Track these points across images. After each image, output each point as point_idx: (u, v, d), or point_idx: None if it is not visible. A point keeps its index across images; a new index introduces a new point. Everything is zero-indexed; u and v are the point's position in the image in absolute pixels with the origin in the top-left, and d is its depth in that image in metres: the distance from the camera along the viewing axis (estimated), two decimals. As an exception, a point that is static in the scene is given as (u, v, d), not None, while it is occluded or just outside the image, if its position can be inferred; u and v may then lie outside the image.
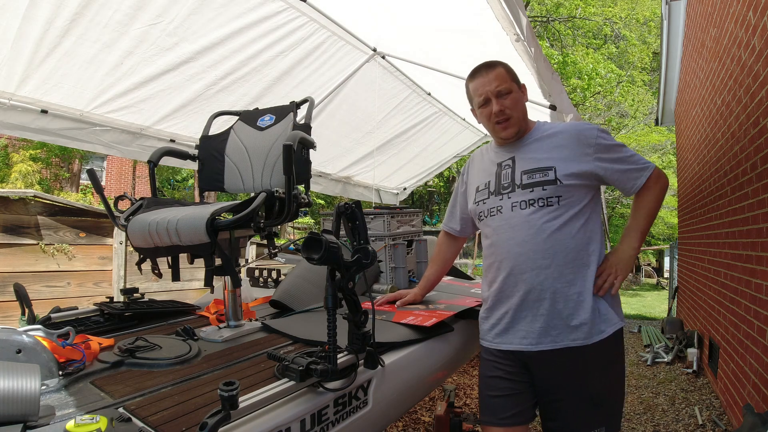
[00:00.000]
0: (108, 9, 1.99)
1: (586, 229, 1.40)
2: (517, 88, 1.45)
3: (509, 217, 1.43)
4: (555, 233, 1.37)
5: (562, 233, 1.37)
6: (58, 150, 9.90)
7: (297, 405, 1.04)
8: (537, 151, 1.45)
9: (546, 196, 1.38)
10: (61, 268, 3.67)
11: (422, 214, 3.19)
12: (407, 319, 1.65)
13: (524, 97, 1.49)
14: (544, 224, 1.37)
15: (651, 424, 2.98)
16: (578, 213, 1.39)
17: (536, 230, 1.38)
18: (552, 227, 1.37)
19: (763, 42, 2.37)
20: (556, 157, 1.41)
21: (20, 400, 0.87)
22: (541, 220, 1.38)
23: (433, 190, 18.57)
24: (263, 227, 1.48)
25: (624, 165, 1.43)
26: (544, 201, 1.38)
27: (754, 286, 2.54)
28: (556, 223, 1.37)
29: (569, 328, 1.35)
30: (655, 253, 18.69)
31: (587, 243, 1.40)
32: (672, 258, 7.94)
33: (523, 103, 1.47)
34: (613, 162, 1.42)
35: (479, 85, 1.45)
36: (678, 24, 5.52)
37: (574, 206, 1.39)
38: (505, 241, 1.43)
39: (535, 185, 1.40)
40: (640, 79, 14.85)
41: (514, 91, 1.43)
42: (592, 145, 1.41)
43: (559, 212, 1.37)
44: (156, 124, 2.69)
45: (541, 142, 1.46)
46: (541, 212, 1.38)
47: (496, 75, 1.43)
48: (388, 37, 2.97)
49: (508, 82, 1.43)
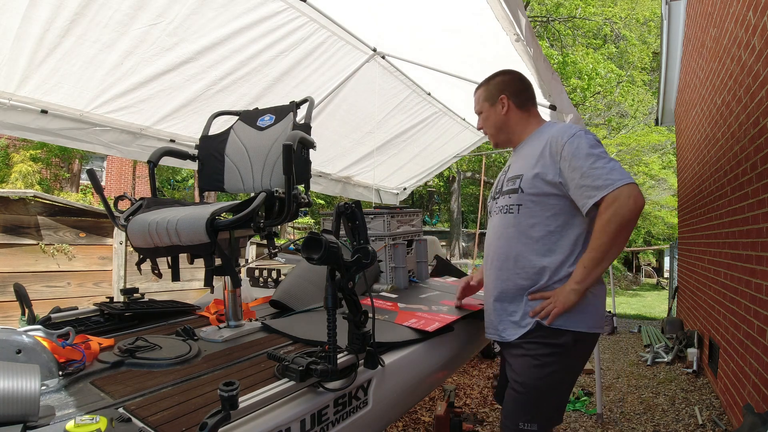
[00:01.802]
0: (108, 9, 1.99)
1: (547, 241, 1.40)
2: (488, 107, 1.58)
3: (492, 220, 1.58)
4: (509, 240, 1.46)
5: (515, 240, 1.44)
6: (58, 150, 9.89)
7: (297, 405, 1.04)
8: (523, 157, 1.51)
9: (510, 204, 1.47)
10: (61, 268, 3.67)
11: (422, 214, 3.19)
12: (410, 321, 1.65)
13: (498, 111, 1.56)
14: (503, 230, 1.49)
15: (651, 424, 2.98)
16: (538, 224, 1.41)
17: (498, 235, 1.51)
18: (508, 234, 1.47)
19: (763, 42, 2.37)
20: (527, 165, 1.45)
21: (20, 400, 0.87)
22: (503, 226, 1.49)
23: (433, 190, 18.57)
24: (263, 227, 1.48)
25: (581, 179, 1.32)
26: (508, 209, 1.48)
27: (754, 286, 2.54)
28: (512, 231, 1.45)
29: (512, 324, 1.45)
30: (655, 253, 18.69)
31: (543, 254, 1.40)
32: (672, 258, 7.94)
33: (492, 120, 1.58)
34: (573, 171, 1.34)
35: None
36: (678, 24, 5.52)
37: (535, 216, 1.41)
38: (486, 243, 1.59)
39: (508, 193, 1.50)
40: (640, 79, 14.84)
41: (483, 111, 1.60)
42: (558, 152, 1.38)
43: (517, 220, 1.44)
44: (156, 124, 2.69)
45: (529, 147, 1.51)
46: (505, 218, 1.49)
47: (476, 98, 1.63)
48: (388, 37, 2.97)
49: (480, 103, 1.60)
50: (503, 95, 1.55)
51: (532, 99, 1.59)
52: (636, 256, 18.64)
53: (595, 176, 1.30)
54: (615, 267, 15.32)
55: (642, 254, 19.10)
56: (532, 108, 1.58)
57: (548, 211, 1.40)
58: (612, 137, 13.34)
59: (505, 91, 1.55)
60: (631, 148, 12.84)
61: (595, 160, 1.31)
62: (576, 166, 1.33)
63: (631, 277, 16.78)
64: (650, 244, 18.14)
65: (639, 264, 18.82)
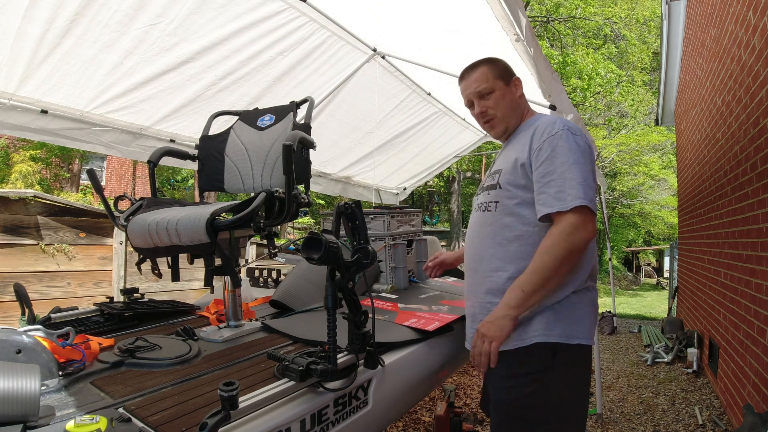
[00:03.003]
0: (108, 9, 1.99)
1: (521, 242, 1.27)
2: (502, 85, 1.39)
3: (472, 218, 1.47)
4: (483, 239, 1.35)
5: (487, 239, 1.33)
6: (58, 150, 9.89)
7: (297, 405, 1.04)
8: (508, 150, 1.40)
9: (488, 200, 1.36)
10: (61, 268, 3.67)
11: (422, 214, 3.19)
12: (410, 321, 1.65)
13: (512, 92, 1.40)
14: (479, 229, 1.38)
15: (651, 424, 2.98)
16: (512, 224, 1.29)
17: (474, 234, 1.40)
18: (484, 233, 1.35)
19: (763, 42, 2.37)
20: (508, 159, 1.34)
21: (20, 400, 0.87)
22: (479, 224, 1.39)
23: (433, 190, 18.57)
24: (263, 227, 1.47)
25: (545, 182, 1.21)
26: (486, 206, 1.36)
27: (754, 286, 2.54)
28: (488, 230, 1.34)
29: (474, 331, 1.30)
30: (655, 253, 18.69)
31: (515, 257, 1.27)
32: (672, 258, 7.94)
33: (509, 100, 1.39)
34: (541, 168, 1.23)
35: (463, 88, 1.46)
36: (678, 24, 5.52)
37: (511, 215, 1.29)
38: (466, 242, 1.47)
39: (487, 189, 1.39)
40: (640, 79, 14.85)
41: (496, 90, 1.38)
42: (535, 149, 1.26)
43: (494, 218, 1.33)
44: (156, 124, 2.69)
45: (515, 141, 1.39)
46: (483, 216, 1.38)
47: (477, 76, 1.40)
48: (388, 37, 2.97)
49: (490, 81, 1.38)
50: (516, 77, 1.42)
51: None
52: (636, 256, 18.66)
53: (560, 186, 1.18)
54: (615, 267, 15.32)
55: (642, 254, 19.11)
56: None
57: (524, 209, 1.28)
58: (612, 137, 13.34)
59: (514, 73, 1.43)
60: (631, 148, 12.84)
61: (568, 168, 1.19)
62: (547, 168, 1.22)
63: (631, 277, 16.79)
64: (650, 244, 18.15)
65: (639, 264, 18.83)
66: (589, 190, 1.18)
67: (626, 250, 17.54)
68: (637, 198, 14.88)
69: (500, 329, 1.19)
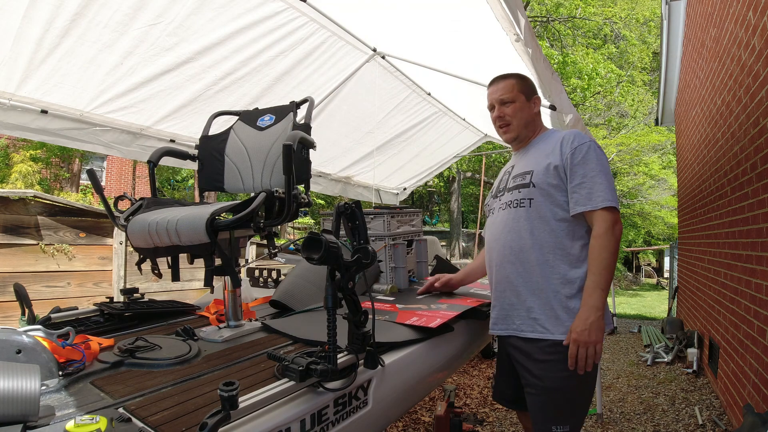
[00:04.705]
0: (108, 9, 1.99)
1: (556, 234, 1.44)
2: (524, 99, 1.58)
3: (495, 217, 1.60)
4: (521, 232, 1.49)
5: (526, 232, 1.47)
6: (58, 150, 9.88)
7: (297, 405, 1.04)
8: (531, 156, 1.57)
9: (520, 198, 1.50)
10: (61, 268, 3.67)
11: (422, 214, 3.20)
12: (411, 319, 1.65)
13: (531, 108, 1.59)
14: (513, 223, 1.51)
15: (651, 424, 2.98)
16: (548, 216, 1.45)
17: (508, 229, 1.52)
18: (519, 227, 1.49)
19: (763, 42, 2.37)
20: (538, 162, 1.50)
21: (20, 400, 0.87)
22: (512, 219, 1.51)
23: (433, 190, 18.57)
24: (263, 227, 1.48)
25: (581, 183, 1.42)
26: (518, 203, 1.51)
27: (754, 286, 2.54)
28: (524, 223, 1.48)
29: (529, 321, 1.46)
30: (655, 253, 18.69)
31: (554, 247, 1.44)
32: (672, 258, 7.94)
33: (526, 113, 1.58)
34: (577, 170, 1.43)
35: (490, 92, 1.64)
36: (678, 24, 5.52)
37: (548, 208, 1.45)
38: (490, 239, 1.61)
39: (515, 188, 1.54)
40: (640, 79, 14.85)
41: (517, 102, 1.57)
42: (569, 151, 1.45)
43: (529, 213, 1.47)
44: (156, 124, 2.69)
45: (536, 148, 1.57)
46: (514, 212, 1.51)
47: (505, 85, 1.59)
48: (388, 37, 2.97)
49: (514, 92, 1.58)
50: (537, 96, 1.62)
51: None
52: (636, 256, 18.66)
53: (594, 188, 1.39)
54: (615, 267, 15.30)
55: (642, 254, 19.11)
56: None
57: (557, 206, 1.45)
58: (612, 137, 13.33)
59: (537, 93, 1.63)
60: (631, 148, 12.84)
61: (598, 174, 1.40)
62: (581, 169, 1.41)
63: (631, 277, 16.79)
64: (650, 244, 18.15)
65: (639, 264, 18.84)
66: (614, 193, 1.40)
67: (626, 250, 17.53)
68: (637, 198, 14.88)
69: (600, 330, 1.35)
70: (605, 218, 1.37)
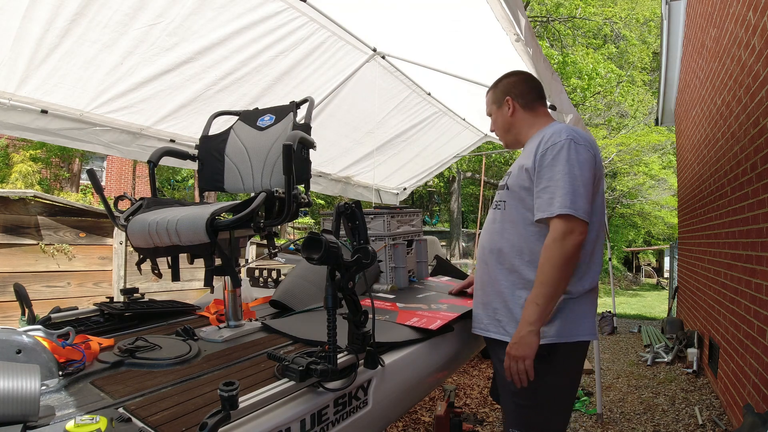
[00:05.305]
0: (108, 9, 1.99)
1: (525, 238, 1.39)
2: (495, 109, 1.62)
3: (488, 214, 1.62)
4: (493, 234, 1.50)
5: (499, 235, 1.48)
6: (58, 150, 9.89)
7: (297, 405, 1.04)
8: (520, 156, 1.56)
9: (497, 200, 1.53)
10: (61, 268, 3.67)
11: (422, 214, 3.19)
12: (411, 320, 1.65)
13: (504, 113, 1.58)
14: (490, 224, 1.54)
15: (651, 424, 2.98)
16: (520, 219, 1.42)
17: (487, 230, 1.56)
18: (495, 228, 1.51)
19: (763, 42, 2.37)
20: (518, 163, 1.50)
21: (20, 400, 0.87)
22: (491, 220, 1.55)
23: (433, 190, 18.57)
24: (263, 227, 1.48)
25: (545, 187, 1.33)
26: (496, 204, 1.53)
27: (754, 286, 2.54)
28: (497, 226, 1.49)
29: (495, 321, 1.46)
30: (655, 253, 18.69)
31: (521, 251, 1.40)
32: (672, 258, 7.94)
33: (501, 121, 1.61)
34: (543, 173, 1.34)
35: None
36: (678, 24, 5.52)
37: (518, 212, 1.43)
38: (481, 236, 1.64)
39: (500, 189, 1.55)
40: (640, 79, 14.85)
41: (493, 113, 1.64)
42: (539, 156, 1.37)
43: (504, 216, 1.48)
44: (156, 124, 2.69)
45: (525, 148, 1.56)
46: (493, 213, 1.54)
47: (486, 100, 1.67)
48: (388, 37, 2.97)
49: (489, 105, 1.65)
50: (508, 97, 1.58)
51: (539, 99, 1.58)
52: (636, 256, 18.67)
53: (556, 193, 1.29)
54: (615, 267, 15.33)
55: (642, 254, 19.12)
56: (539, 108, 1.57)
57: (528, 210, 1.40)
58: (612, 137, 13.34)
59: (510, 93, 1.57)
60: (631, 148, 12.84)
61: (563, 177, 1.29)
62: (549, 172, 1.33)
63: (631, 277, 16.79)
64: (650, 244, 18.15)
65: (639, 264, 18.84)
66: (578, 198, 1.27)
67: (626, 250, 17.55)
68: (637, 198, 14.88)
69: (528, 346, 1.28)
70: (556, 227, 1.27)
